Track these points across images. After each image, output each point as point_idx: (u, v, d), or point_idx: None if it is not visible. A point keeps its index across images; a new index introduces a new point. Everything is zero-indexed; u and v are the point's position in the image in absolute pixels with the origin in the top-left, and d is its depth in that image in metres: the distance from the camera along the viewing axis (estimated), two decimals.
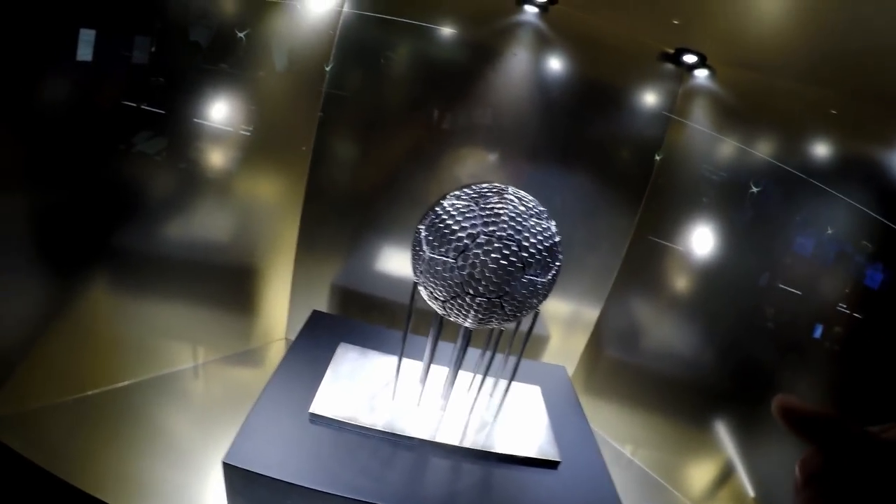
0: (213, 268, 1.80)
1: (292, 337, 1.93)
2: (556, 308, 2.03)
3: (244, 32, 1.55)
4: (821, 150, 1.61)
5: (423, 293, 1.16)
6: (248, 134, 1.68)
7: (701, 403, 1.80)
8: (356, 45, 1.76)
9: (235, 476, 1.11)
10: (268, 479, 1.09)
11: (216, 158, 1.67)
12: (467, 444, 1.29)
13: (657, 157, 1.86)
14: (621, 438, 1.91)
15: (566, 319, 2.05)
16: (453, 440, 1.28)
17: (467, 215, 1.07)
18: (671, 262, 1.90)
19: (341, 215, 1.97)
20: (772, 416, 1.20)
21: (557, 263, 1.13)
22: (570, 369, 1.99)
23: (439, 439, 1.28)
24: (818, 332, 1.55)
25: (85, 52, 1.29)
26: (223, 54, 1.56)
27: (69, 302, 1.49)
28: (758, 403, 1.65)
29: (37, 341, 1.43)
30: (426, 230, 1.11)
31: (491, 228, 1.05)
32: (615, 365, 2.03)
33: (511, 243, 1.04)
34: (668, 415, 1.89)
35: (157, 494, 1.32)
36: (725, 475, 1.70)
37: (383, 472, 1.17)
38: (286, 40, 1.69)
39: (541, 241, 1.08)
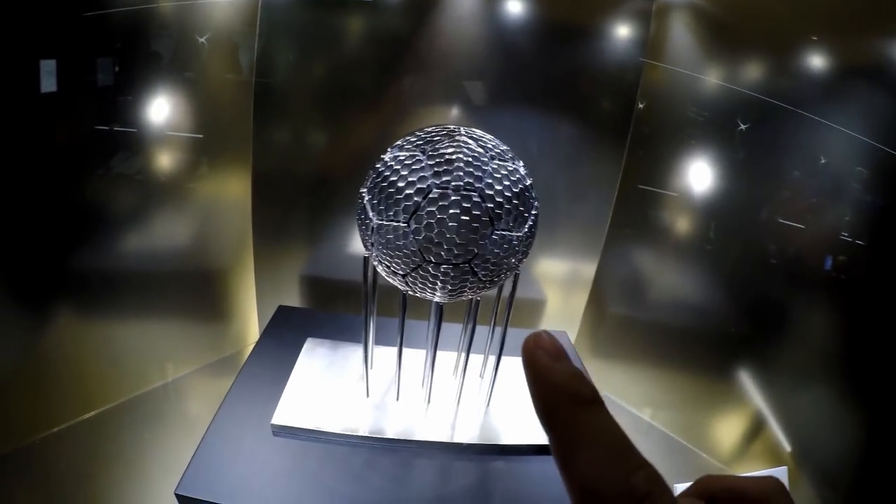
0: (175, 279, 1.71)
1: None
2: (548, 268, 1.89)
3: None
4: (814, 64, 1.47)
5: (380, 269, 0.98)
6: (188, 137, 1.61)
7: (720, 353, 1.68)
8: (282, 27, 1.65)
9: None
10: None
11: (163, 166, 1.59)
12: (458, 438, 1.12)
13: (640, 105, 1.73)
14: (638, 402, 1.76)
15: (562, 279, 1.90)
16: (442, 436, 1.12)
17: (413, 167, 0.88)
18: (666, 205, 1.76)
19: (294, 203, 1.85)
20: (795, 358, 1.06)
21: (533, 212, 0.95)
22: (573, 334, 1.84)
23: (425, 437, 1.11)
24: (828, 264, 1.45)
25: (49, 84, 1.25)
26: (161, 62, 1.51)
27: (33, 339, 1.41)
28: (781, 345, 1.54)
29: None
30: (368, 193, 0.93)
31: (444, 179, 0.86)
32: (621, 322, 1.89)
33: (471, 193, 0.86)
34: (686, 370, 1.77)
35: None
36: (756, 430, 1.59)
37: (360, 485, 1.01)
38: (209, 36, 1.57)
39: (508, 188, 0.89)
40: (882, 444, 1.30)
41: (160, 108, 1.51)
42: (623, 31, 1.68)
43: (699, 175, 1.67)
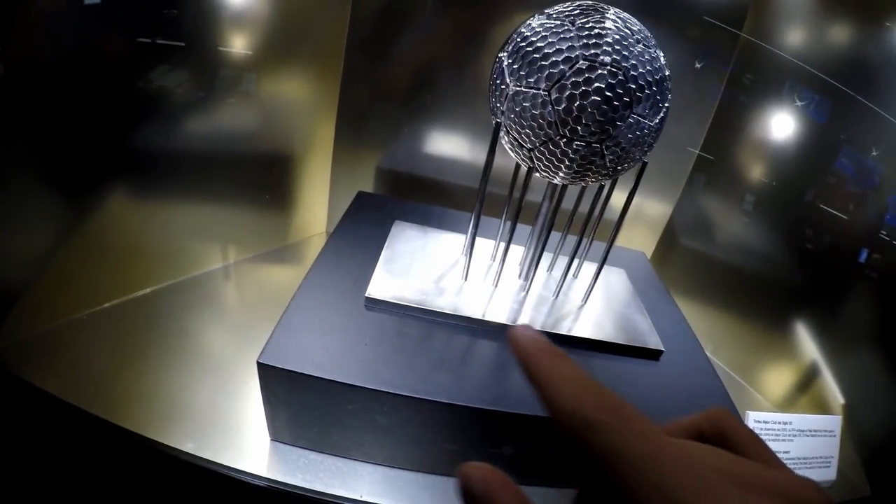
0: (241, 162, 1.63)
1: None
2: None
3: None
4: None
5: (505, 140, 0.94)
6: (274, 24, 1.52)
7: (781, 304, 1.65)
8: None
9: (275, 380, 0.91)
10: (317, 380, 0.88)
11: (239, 47, 1.48)
12: (556, 329, 1.09)
13: (697, 65, 1.66)
14: (701, 336, 1.74)
15: (640, 202, 1.84)
16: (540, 325, 1.09)
17: (562, 36, 0.84)
18: (749, 147, 1.70)
19: (383, 102, 1.76)
20: (854, 321, 1.03)
21: (666, 105, 0.91)
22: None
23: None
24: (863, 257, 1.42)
25: None
26: None
27: (87, 213, 1.34)
28: (838, 308, 1.52)
29: (53, 258, 1.28)
30: (509, 57, 0.89)
31: (593, 52, 0.82)
32: (692, 257, 1.85)
33: (617, 71, 0.82)
34: (748, 314, 1.75)
35: (188, 410, 1.14)
36: (809, 379, 1.57)
37: (461, 365, 0.98)
38: None
39: (650, 73, 0.85)
40: None
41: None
42: None
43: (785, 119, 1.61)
